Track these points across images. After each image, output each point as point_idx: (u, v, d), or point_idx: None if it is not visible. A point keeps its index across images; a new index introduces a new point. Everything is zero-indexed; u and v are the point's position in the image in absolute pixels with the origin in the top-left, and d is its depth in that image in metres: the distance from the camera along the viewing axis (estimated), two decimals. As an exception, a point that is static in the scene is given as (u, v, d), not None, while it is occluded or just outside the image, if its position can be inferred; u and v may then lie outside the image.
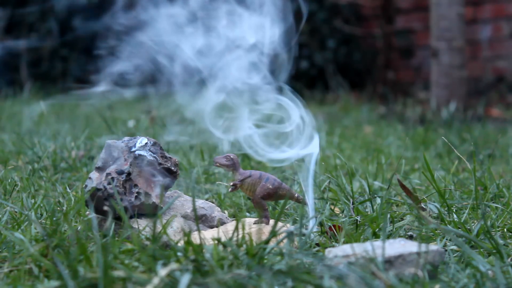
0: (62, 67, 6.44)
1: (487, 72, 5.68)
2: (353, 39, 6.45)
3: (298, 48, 1.75)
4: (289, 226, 1.45)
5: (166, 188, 1.50)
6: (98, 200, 1.43)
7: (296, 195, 1.51)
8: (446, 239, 1.42)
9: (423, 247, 1.15)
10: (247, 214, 1.76)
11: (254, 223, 1.48)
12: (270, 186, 1.48)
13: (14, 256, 1.22)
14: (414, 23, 6.16)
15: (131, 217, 1.43)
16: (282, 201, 1.59)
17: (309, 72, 6.34)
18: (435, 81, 4.48)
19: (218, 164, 1.52)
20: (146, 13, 1.76)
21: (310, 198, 1.50)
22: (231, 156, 1.51)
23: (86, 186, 1.45)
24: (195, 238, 1.34)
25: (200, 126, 1.64)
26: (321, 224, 1.51)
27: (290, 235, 1.21)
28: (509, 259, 1.28)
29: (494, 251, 1.29)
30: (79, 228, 1.41)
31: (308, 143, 1.54)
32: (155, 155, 1.48)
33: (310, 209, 1.50)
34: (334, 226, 1.49)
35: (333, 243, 1.42)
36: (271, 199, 1.49)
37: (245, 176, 1.49)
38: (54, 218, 1.43)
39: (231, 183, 1.50)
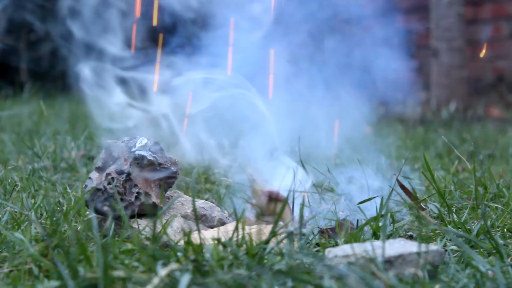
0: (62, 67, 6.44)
1: (487, 72, 5.68)
2: (353, 39, 6.45)
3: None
4: (289, 226, 1.45)
5: (166, 188, 1.50)
6: (98, 200, 1.43)
7: (290, 213, 1.51)
8: (446, 239, 1.42)
9: (423, 247, 1.15)
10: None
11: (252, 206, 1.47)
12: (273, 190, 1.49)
13: (14, 256, 1.22)
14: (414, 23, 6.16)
15: (131, 217, 1.43)
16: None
17: (309, 72, 6.34)
18: (435, 81, 4.48)
19: (256, 205, 1.51)
20: None
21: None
22: (275, 193, 1.50)
23: (86, 186, 1.45)
24: (195, 238, 1.34)
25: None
26: (321, 224, 1.51)
27: (290, 235, 1.21)
28: (509, 259, 1.28)
29: (494, 251, 1.29)
30: (79, 228, 1.41)
31: None
32: (155, 155, 1.48)
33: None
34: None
35: (333, 243, 1.42)
36: (270, 204, 1.49)
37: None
38: (54, 218, 1.43)
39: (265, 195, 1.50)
